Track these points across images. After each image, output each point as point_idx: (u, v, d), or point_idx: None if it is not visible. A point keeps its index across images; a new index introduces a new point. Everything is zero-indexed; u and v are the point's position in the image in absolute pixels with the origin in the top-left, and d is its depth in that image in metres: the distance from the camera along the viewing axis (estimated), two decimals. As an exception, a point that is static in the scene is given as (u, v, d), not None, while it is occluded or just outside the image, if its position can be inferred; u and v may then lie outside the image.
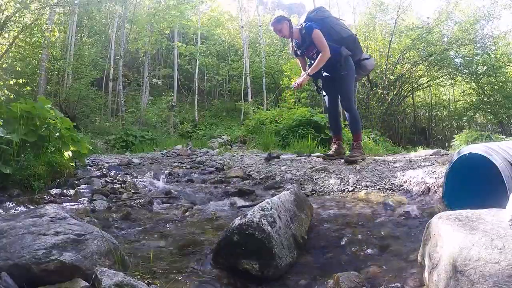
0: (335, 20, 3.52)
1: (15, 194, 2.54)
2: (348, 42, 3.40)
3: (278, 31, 3.55)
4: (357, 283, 1.16)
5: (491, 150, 1.63)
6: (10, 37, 7.68)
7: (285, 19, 3.55)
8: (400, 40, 15.20)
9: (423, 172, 2.78)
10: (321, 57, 3.27)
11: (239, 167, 3.78)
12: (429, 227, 1.21)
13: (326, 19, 3.44)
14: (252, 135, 8.01)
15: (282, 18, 3.57)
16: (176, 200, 2.47)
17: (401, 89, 15.38)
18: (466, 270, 0.89)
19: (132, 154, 6.42)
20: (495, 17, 14.66)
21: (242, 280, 1.28)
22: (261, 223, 1.32)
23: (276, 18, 3.59)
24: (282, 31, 3.53)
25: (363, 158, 3.38)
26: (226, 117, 17.89)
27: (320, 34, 3.29)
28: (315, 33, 3.29)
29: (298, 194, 1.87)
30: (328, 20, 3.45)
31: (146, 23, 14.96)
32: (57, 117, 3.22)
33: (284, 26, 3.49)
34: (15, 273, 1.00)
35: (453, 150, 6.14)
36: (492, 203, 1.33)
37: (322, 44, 3.28)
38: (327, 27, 3.37)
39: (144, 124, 12.11)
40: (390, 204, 2.20)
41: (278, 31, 3.55)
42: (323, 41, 3.28)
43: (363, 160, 3.32)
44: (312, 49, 3.41)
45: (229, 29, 22.32)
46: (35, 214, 1.29)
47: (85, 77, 12.58)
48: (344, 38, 3.39)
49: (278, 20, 3.54)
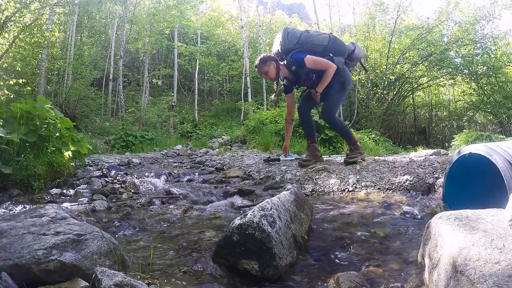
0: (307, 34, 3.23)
1: (15, 194, 2.55)
2: (331, 47, 3.21)
3: (264, 73, 3.22)
4: (357, 283, 1.16)
5: (491, 150, 1.63)
6: (10, 37, 7.67)
7: (271, 59, 3.20)
8: (400, 40, 15.20)
9: (423, 172, 2.78)
10: (327, 73, 3.09)
11: (239, 167, 3.78)
12: (429, 227, 1.21)
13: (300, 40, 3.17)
14: (252, 135, 8.00)
15: (268, 59, 3.20)
16: (176, 200, 2.47)
17: (401, 89, 15.38)
18: (466, 270, 0.89)
19: (132, 154, 6.42)
20: (495, 17, 14.66)
21: (242, 280, 1.28)
22: (261, 223, 1.32)
23: (260, 60, 3.22)
24: (268, 74, 3.20)
25: (363, 158, 3.27)
26: (226, 117, 17.90)
27: (312, 58, 3.08)
28: (307, 60, 3.07)
29: (298, 194, 1.87)
30: (303, 38, 3.17)
31: (146, 23, 14.97)
32: (57, 117, 3.22)
33: (270, 68, 3.17)
34: (15, 273, 1.00)
35: (453, 150, 6.14)
36: (492, 203, 1.33)
37: (321, 63, 3.10)
38: (307, 45, 3.15)
39: (144, 124, 12.11)
40: (390, 204, 2.20)
41: (264, 74, 3.22)
42: (320, 60, 3.09)
43: (363, 160, 3.23)
44: (311, 76, 3.22)
45: (229, 29, 22.32)
46: (35, 214, 1.29)
47: (85, 77, 12.57)
48: (326, 46, 3.19)
49: (263, 61, 3.19)
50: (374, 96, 14.45)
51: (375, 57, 15.39)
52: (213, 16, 21.42)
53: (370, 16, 15.48)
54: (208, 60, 18.26)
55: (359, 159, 3.20)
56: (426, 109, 18.91)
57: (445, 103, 19.12)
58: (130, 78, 18.57)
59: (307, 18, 33.51)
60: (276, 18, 24.05)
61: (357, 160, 3.19)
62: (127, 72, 18.65)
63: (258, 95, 17.94)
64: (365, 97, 14.57)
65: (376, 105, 14.18)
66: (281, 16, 25.98)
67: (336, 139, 6.16)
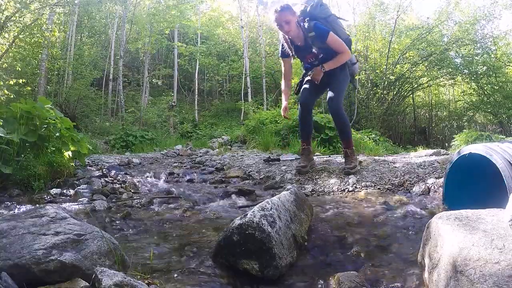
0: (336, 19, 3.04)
1: (15, 194, 2.55)
2: (347, 45, 3.00)
3: (284, 22, 2.80)
4: (357, 283, 1.16)
5: (491, 150, 1.64)
6: (10, 37, 7.67)
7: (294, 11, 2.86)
8: (400, 40, 15.20)
9: (423, 172, 2.78)
10: (342, 56, 2.89)
11: (239, 167, 3.78)
12: (429, 227, 1.21)
13: (328, 18, 2.97)
14: (252, 135, 8.00)
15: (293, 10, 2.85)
16: (176, 200, 2.47)
17: (401, 89, 15.37)
18: (466, 270, 0.89)
19: (132, 154, 6.42)
20: (495, 17, 14.66)
21: (242, 280, 1.28)
22: (261, 223, 1.32)
23: (284, 6, 2.81)
24: (290, 24, 2.82)
25: (359, 161, 3.17)
26: (226, 117, 17.90)
27: (335, 36, 2.84)
28: (331, 35, 2.82)
29: (298, 194, 1.87)
30: (331, 20, 2.98)
31: (146, 23, 14.97)
32: (57, 117, 3.22)
33: (293, 20, 2.82)
34: (15, 273, 1.00)
35: (453, 150, 6.15)
36: (492, 203, 1.33)
37: (342, 45, 2.87)
38: (330, 27, 2.93)
39: (144, 124, 12.11)
40: (390, 204, 2.20)
41: (284, 23, 2.81)
42: (341, 41, 2.87)
43: (360, 163, 3.16)
44: (312, 56, 3.01)
45: (229, 29, 22.32)
46: (35, 214, 1.29)
47: (85, 77, 12.58)
48: (343, 40, 2.98)
49: (288, 9, 2.81)
50: (374, 96, 14.44)
51: (375, 57, 15.38)
52: (213, 16, 21.42)
53: (370, 16, 15.46)
54: (208, 60, 18.27)
55: (358, 168, 3.04)
56: (426, 109, 18.90)
57: (445, 103, 19.11)
58: (130, 78, 18.57)
59: (307, 18, 33.46)
60: (276, 18, 24.00)
61: (358, 168, 3.01)
62: (127, 72, 18.65)
63: (258, 95, 17.95)
64: (365, 97, 14.57)
65: (376, 105, 14.17)
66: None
67: (336, 139, 6.16)
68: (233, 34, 21.83)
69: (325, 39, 2.83)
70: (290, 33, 2.87)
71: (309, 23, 2.87)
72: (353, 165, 2.98)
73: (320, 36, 2.84)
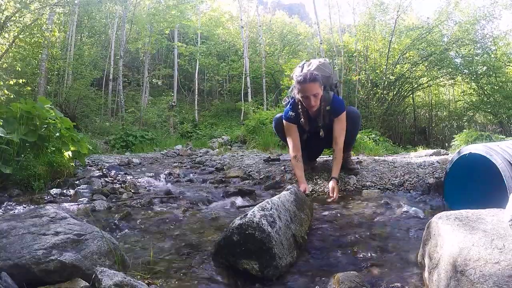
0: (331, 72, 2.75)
1: (15, 194, 2.55)
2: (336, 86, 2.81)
3: (313, 95, 2.39)
4: (357, 283, 1.16)
5: (491, 150, 1.64)
6: (10, 37, 7.67)
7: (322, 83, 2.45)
8: (400, 40, 15.19)
9: (423, 172, 2.78)
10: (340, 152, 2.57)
11: (239, 167, 3.78)
12: (429, 227, 1.22)
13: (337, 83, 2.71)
14: (252, 135, 8.00)
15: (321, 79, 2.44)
16: (176, 200, 2.47)
17: (401, 89, 15.37)
18: (466, 270, 0.89)
19: (132, 154, 6.42)
20: (495, 17, 14.65)
21: (242, 280, 1.28)
22: (261, 223, 1.32)
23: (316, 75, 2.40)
24: (317, 98, 2.41)
25: (360, 161, 3.20)
26: (226, 117, 17.91)
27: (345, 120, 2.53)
28: (343, 115, 2.51)
29: (298, 194, 1.87)
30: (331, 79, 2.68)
31: (146, 23, 14.97)
32: (57, 117, 3.22)
33: (321, 92, 2.42)
34: (15, 273, 1.00)
35: (453, 150, 6.15)
36: (492, 203, 1.34)
37: (343, 132, 2.53)
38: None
39: (144, 124, 12.11)
40: (390, 204, 2.20)
41: (313, 96, 2.38)
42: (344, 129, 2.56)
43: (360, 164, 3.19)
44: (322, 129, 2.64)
45: (229, 29, 22.32)
46: (35, 214, 1.29)
47: (85, 77, 12.57)
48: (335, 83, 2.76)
49: (319, 80, 2.40)
50: (374, 96, 14.43)
51: (375, 57, 15.37)
52: (213, 16, 21.41)
53: (370, 16, 15.45)
54: (208, 60, 18.27)
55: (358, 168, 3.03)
56: (426, 109, 18.90)
57: (445, 103, 19.11)
58: (130, 78, 18.57)
59: (307, 18, 33.49)
60: (276, 18, 24.06)
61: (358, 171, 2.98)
62: (127, 72, 18.65)
63: (258, 95, 17.95)
64: (365, 97, 14.57)
65: (376, 105, 14.16)
66: (281, 16, 25.97)
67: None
68: (233, 34, 21.83)
69: (336, 116, 2.53)
70: (313, 108, 2.46)
71: (328, 94, 2.53)
72: (355, 166, 3.04)
73: (335, 112, 2.53)
